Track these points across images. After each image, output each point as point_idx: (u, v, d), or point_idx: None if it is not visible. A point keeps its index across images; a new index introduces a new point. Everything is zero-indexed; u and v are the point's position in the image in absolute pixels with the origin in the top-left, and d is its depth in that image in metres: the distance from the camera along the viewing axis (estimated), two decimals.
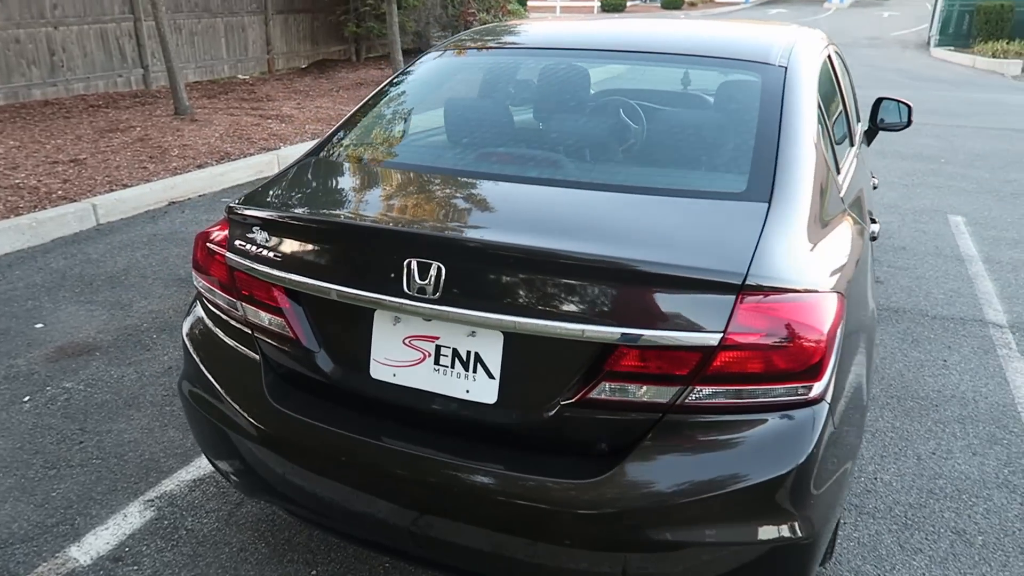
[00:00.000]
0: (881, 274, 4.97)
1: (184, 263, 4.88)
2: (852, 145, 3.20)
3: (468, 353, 1.78)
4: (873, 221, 2.99)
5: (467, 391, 1.79)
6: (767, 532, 1.63)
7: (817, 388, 1.64)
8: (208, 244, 2.13)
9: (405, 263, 1.75)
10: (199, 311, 2.25)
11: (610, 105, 2.40)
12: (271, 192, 2.16)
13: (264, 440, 1.96)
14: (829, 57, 2.94)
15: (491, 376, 1.77)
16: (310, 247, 1.92)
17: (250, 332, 2.05)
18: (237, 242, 2.03)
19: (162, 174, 6.38)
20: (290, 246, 1.94)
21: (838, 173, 2.43)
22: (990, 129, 10.18)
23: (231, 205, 2.10)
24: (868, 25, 28.87)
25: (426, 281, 1.72)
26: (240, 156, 6.99)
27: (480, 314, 1.70)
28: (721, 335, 1.59)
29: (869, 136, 4.29)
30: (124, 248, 5.15)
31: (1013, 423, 3.28)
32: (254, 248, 1.99)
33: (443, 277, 1.71)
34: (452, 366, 1.80)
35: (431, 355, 1.82)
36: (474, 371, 1.78)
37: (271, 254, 1.95)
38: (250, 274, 1.99)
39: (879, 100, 4.11)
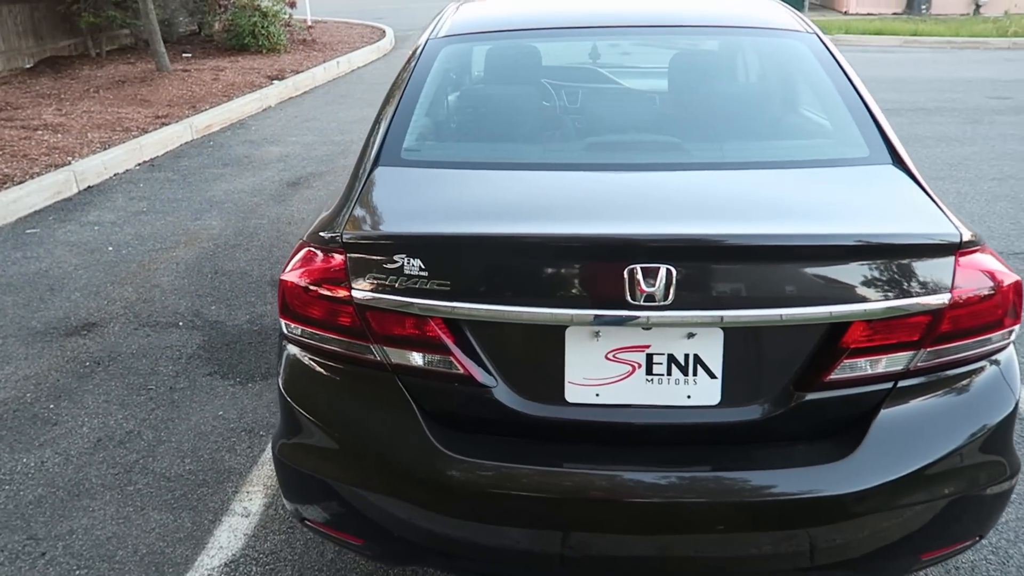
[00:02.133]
0: None
1: (32, 312, 4.02)
2: None
3: (686, 356, 1.67)
4: None
5: (688, 396, 1.69)
6: (993, 474, 1.73)
7: (1017, 329, 1.76)
8: (306, 285, 1.78)
9: (627, 271, 1.59)
10: (301, 361, 1.86)
11: (679, 81, 2.34)
12: (383, 210, 1.84)
13: (440, 498, 1.70)
14: None
15: (712, 376, 1.68)
16: (483, 267, 1.67)
17: (392, 377, 1.75)
18: (368, 275, 1.71)
19: None
20: (453, 269, 1.67)
21: None
22: None
23: (337, 235, 1.75)
24: None
25: (654, 287, 1.58)
26: (26, 177, 5.86)
27: (712, 313, 1.60)
28: (948, 295, 1.64)
29: None
30: None
31: None
32: (397, 279, 1.68)
33: (673, 281, 1.58)
34: (669, 373, 1.68)
35: (641, 366, 1.68)
36: (694, 374, 1.68)
37: (425, 283, 1.67)
38: (395, 310, 1.70)
39: None
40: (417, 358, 1.72)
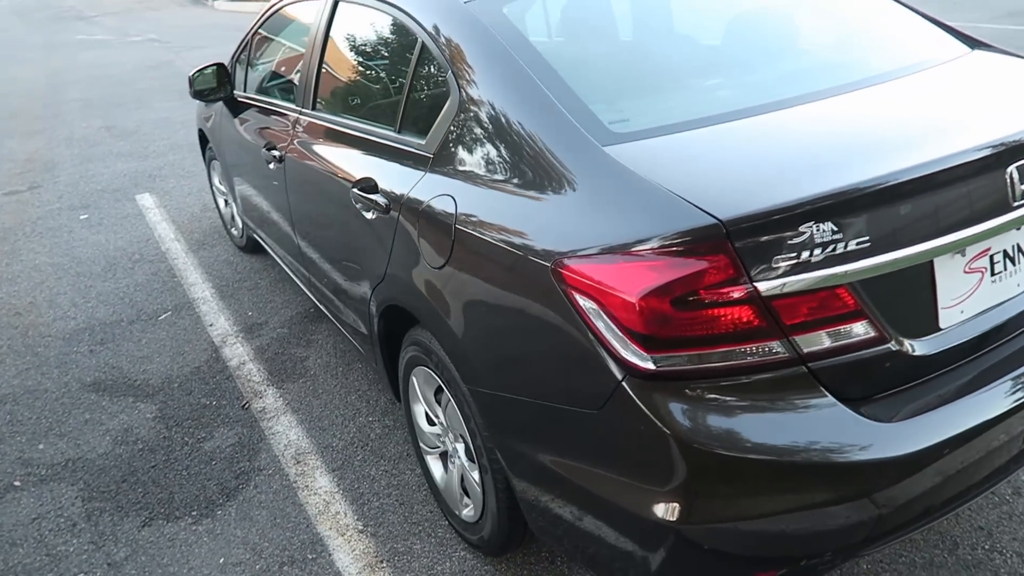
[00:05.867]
0: None
1: None
2: None
3: (1015, 247, 1.72)
4: None
5: (1019, 284, 1.74)
6: None
7: None
8: (684, 298, 1.39)
9: (1007, 173, 1.57)
10: (689, 396, 1.43)
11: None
12: (732, 182, 1.49)
13: (900, 474, 1.51)
14: None
15: None
16: (891, 214, 1.50)
17: (802, 368, 1.47)
18: (772, 258, 1.40)
19: None
20: (864, 224, 1.47)
21: None
22: None
23: (713, 223, 1.38)
24: None
25: None
26: None
27: None
28: None
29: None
30: None
31: None
32: (811, 251, 1.42)
33: None
34: (1005, 268, 1.72)
35: (987, 269, 1.69)
36: (1018, 263, 1.73)
37: (843, 247, 1.45)
38: (811, 289, 1.43)
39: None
40: (826, 337, 1.48)
